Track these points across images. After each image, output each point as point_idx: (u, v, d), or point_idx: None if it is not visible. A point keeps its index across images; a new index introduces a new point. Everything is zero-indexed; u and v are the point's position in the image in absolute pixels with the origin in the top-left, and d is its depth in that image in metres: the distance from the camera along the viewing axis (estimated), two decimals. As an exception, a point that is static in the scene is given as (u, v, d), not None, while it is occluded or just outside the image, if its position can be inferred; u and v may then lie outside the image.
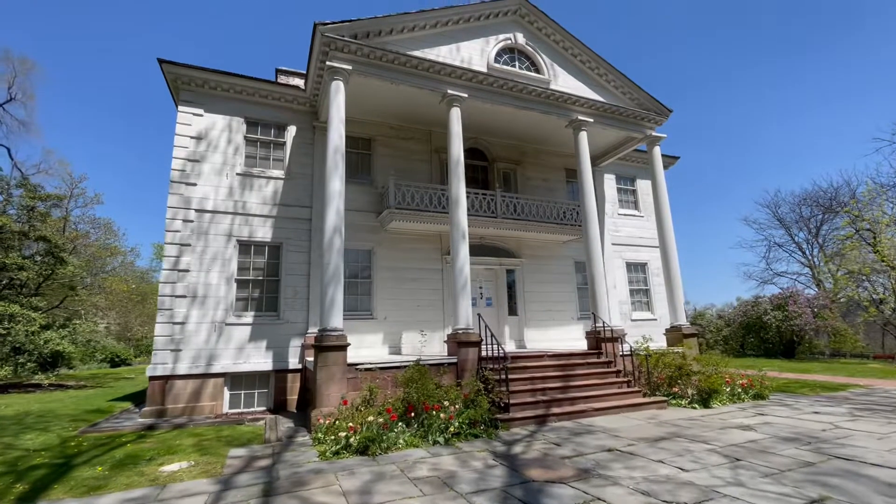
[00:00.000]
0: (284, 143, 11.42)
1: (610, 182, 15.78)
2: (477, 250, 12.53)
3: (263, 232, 10.69)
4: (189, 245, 9.97)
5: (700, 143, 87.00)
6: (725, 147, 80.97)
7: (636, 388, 9.35)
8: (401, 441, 6.47)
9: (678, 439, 6.44)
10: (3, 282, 14.40)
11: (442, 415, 6.95)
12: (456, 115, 10.32)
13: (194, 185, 10.30)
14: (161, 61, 10.24)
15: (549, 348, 11.72)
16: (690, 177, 77.06)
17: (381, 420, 6.56)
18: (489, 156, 13.82)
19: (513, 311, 13.09)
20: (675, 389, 9.60)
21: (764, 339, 24.42)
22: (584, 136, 11.89)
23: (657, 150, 13.03)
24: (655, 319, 14.88)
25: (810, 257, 32.86)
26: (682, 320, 11.88)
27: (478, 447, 6.37)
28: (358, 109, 11.52)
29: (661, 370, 9.98)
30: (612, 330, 10.39)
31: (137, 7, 75.79)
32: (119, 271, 26.11)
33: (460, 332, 9.06)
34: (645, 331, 13.12)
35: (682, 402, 9.21)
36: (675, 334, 11.75)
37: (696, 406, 9.04)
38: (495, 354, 8.73)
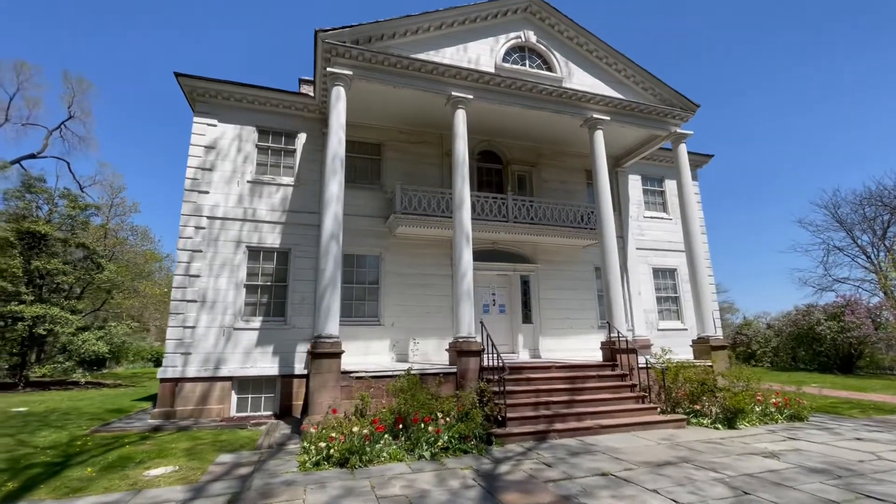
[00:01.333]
0: (295, 151, 11.57)
1: (635, 183, 14.96)
2: (489, 255, 12.18)
3: (272, 238, 10.83)
4: (200, 251, 10.24)
5: (754, 143, 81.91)
6: (779, 146, 75.73)
7: (652, 405, 8.65)
8: (385, 454, 6.24)
9: (685, 465, 5.82)
10: (47, 286, 15.57)
11: (430, 427, 6.66)
12: (461, 116, 10.06)
13: (206, 192, 10.59)
14: (177, 74, 10.64)
15: (564, 358, 11.16)
16: (743, 178, 72.71)
17: (364, 431, 6.35)
18: (504, 158, 13.42)
19: (527, 318, 12.58)
20: (698, 407, 8.80)
21: (817, 351, 22.29)
22: (599, 135, 11.29)
23: (683, 148, 12.21)
24: (686, 329, 13.88)
25: (876, 262, 29.81)
26: (711, 331, 10.98)
27: (463, 464, 6.02)
28: (367, 114, 11.52)
29: (681, 385, 9.20)
30: (627, 340, 9.72)
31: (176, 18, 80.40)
32: (155, 276, 27.70)
33: (461, 340, 8.74)
34: (673, 341, 12.26)
35: (705, 422, 8.41)
36: (702, 346, 10.89)
37: (720, 426, 8.22)
38: (495, 364, 8.34)
